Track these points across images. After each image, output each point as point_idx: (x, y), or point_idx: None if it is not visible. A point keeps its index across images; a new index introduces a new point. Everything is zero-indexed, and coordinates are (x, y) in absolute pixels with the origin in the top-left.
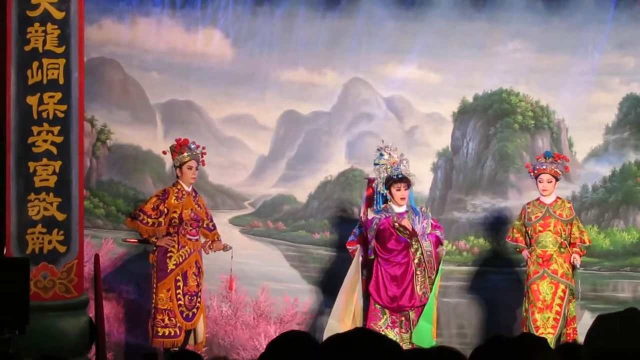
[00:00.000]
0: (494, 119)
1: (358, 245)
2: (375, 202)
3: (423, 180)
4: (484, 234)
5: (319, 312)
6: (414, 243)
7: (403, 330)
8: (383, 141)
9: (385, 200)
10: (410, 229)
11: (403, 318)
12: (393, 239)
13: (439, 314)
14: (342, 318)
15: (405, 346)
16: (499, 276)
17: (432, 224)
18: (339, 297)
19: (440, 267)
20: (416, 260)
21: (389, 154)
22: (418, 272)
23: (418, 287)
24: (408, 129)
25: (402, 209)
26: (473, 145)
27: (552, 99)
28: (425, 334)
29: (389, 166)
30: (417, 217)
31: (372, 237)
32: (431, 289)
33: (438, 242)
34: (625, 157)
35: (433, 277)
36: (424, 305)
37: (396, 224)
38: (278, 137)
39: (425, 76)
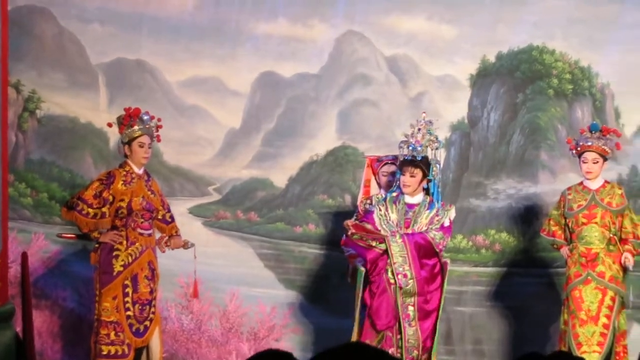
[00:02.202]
0: (522, 84)
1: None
2: (383, 187)
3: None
4: (507, 226)
5: (301, 324)
6: (379, 244)
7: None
8: (424, 113)
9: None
10: (353, 229)
11: (400, 336)
12: (362, 248)
13: (451, 325)
14: None
15: None
16: (526, 279)
17: (442, 223)
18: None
19: (445, 283)
20: (390, 268)
21: (419, 129)
22: (392, 281)
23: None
24: (414, 95)
25: (414, 200)
26: (495, 116)
27: (595, 58)
28: None
29: (410, 144)
30: (428, 212)
31: None
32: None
33: (423, 247)
34: None
35: (409, 287)
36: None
37: (349, 229)
38: (252, 105)
39: (436, 29)
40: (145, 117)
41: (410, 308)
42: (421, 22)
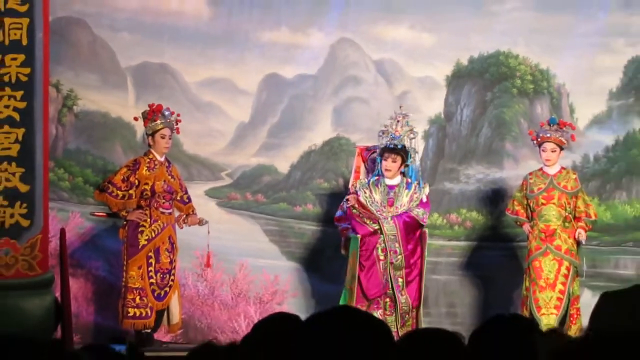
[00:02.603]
0: (491, 84)
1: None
2: (371, 172)
3: None
4: (477, 206)
5: (300, 290)
6: (372, 224)
7: (387, 313)
8: (401, 107)
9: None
10: (357, 205)
11: (388, 299)
12: (358, 223)
13: (427, 292)
14: None
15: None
16: (493, 252)
17: (421, 199)
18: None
19: (426, 252)
20: (380, 246)
21: (398, 121)
22: (382, 258)
23: (387, 274)
24: (398, 94)
25: (393, 182)
26: (468, 111)
27: (552, 61)
28: None
29: (390, 134)
30: (407, 191)
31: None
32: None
33: (409, 224)
34: (630, 125)
35: (399, 262)
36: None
37: (350, 202)
38: (259, 102)
39: (417, 37)
40: (167, 113)
41: (400, 280)
42: (405, 30)
